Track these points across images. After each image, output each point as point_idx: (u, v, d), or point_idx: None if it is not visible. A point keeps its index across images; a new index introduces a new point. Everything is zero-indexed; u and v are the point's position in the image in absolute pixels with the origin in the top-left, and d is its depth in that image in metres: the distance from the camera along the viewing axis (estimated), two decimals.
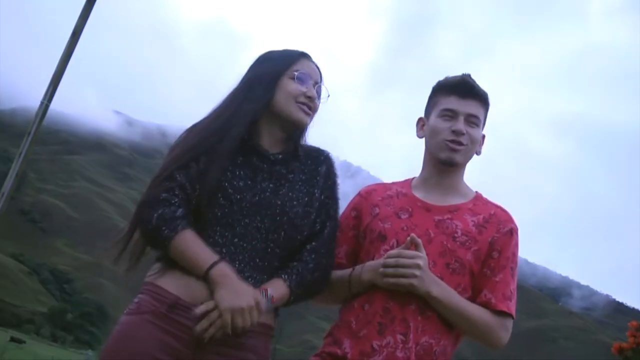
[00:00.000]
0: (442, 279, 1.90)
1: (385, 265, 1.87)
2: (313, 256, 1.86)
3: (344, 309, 2.00)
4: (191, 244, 1.74)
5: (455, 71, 1.99)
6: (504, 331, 1.91)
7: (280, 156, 1.93)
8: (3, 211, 5.60)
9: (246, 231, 1.81)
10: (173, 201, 1.78)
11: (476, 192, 2.08)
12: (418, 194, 2.03)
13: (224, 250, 1.79)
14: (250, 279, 1.77)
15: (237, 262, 1.78)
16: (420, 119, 2.13)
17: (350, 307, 1.97)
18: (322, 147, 2.06)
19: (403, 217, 1.99)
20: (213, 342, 1.72)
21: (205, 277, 1.71)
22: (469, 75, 2.07)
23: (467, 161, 2.04)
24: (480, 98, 2.04)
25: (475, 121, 2.01)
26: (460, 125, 1.99)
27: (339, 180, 2.02)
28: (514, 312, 1.94)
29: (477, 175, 2.11)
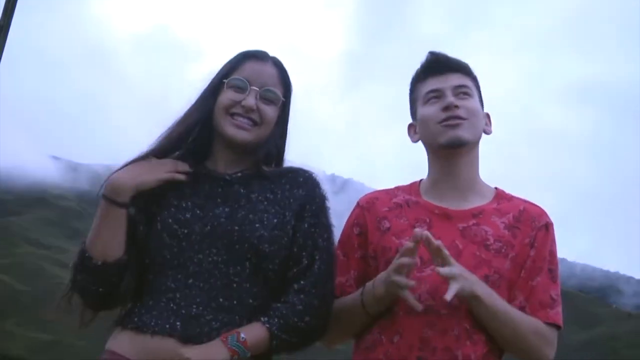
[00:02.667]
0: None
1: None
2: (302, 296, 1.84)
3: (366, 346, 1.97)
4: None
5: (445, 46, 2.03)
6: (550, 344, 1.89)
7: (239, 174, 1.92)
8: None
9: (201, 269, 1.82)
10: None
11: (495, 188, 2.08)
12: (432, 200, 2.03)
13: (178, 295, 1.81)
14: (214, 322, 1.79)
15: (195, 306, 1.80)
16: (410, 125, 2.14)
17: (374, 341, 1.95)
18: (303, 164, 2.04)
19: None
20: None
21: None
22: (435, 51, 2.10)
23: (476, 139, 2.03)
24: (461, 69, 2.07)
25: (465, 91, 2.02)
26: (450, 98, 1.99)
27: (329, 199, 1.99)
28: (559, 321, 1.92)
29: (487, 166, 2.11)
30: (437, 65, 2.06)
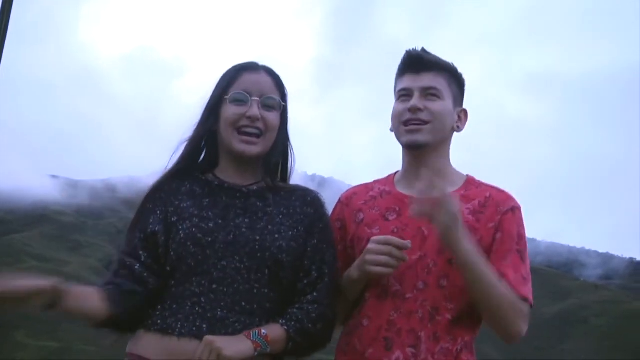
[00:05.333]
0: (446, 276, 1.91)
1: (370, 251, 1.86)
2: (315, 306, 1.86)
3: (346, 332, 2.00)
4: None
5: (409, 46, 1.99)
6: (523, 318, 1.88)
7: (254, 187, 1.93)
8: None
9: (225, 274, 1.82)
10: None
11: (467, 175, 2.08)
12: (403, 190, 2.04)
13: (203, 300, 1.81)
14: (237, 324, 1.79)
15: (220, 309, 1.80)
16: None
17: (351, 327, 1.98)
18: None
19: (391, 218, 2.00)
20: None
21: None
22: (415, 49, 2.07)
23: (438, 140, 2.02)
24: (436, 67, 2.04)
25: (434, 93, 2.00)
26: (414, 101, 1.98)
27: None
28: (531, 299, 1.92)
29: (456, 155, 2.09)
30: (413, 63, 2.05)
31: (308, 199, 1.98)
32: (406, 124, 2.01)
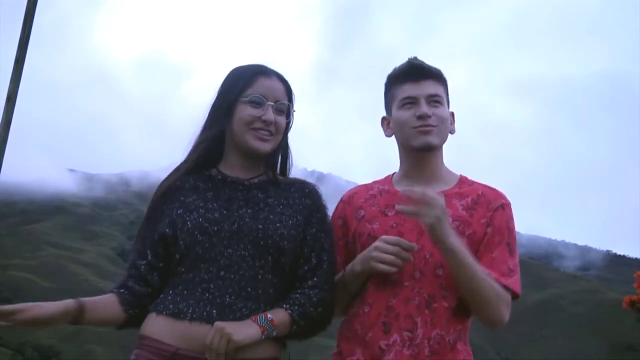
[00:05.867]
0: (442, 267, 1.91)
1: (378, 249, 1.87)
2: (316, 291, 1.87)
3: (347, 319, 2.01)
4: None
5: (402, 53, 2.06)
6: (506, 307, 1.89)
7: (255, 180, 1.94)
8: None
9: (231, 262, 1.82)
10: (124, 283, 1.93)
11: (460, 175, 2.09)
12: (401, 188, 2.02)
13: (212, 286, 1.81)
14: (244, 309, 1.79)
15: (228, 296, 1.80)
16: (383, 118, 2.14)
17: (353, 314, 1.98)
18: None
19: (390, 214, 2.00)
20: None
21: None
22: (415, 58, 2.08)
23: (443, 142, 2.05)
24: (435, 76, 2.06)
25: (437, 99, 2.03)
26: (424, 108, 2.00)
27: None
28: (516, 288, 1.92)
29: (446, 155, 2.16)
30: (415, 72, 2.05)
31: (306, 190, 1.99)
32: (417, 128, 2.01)
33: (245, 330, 1.74)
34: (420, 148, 2.02)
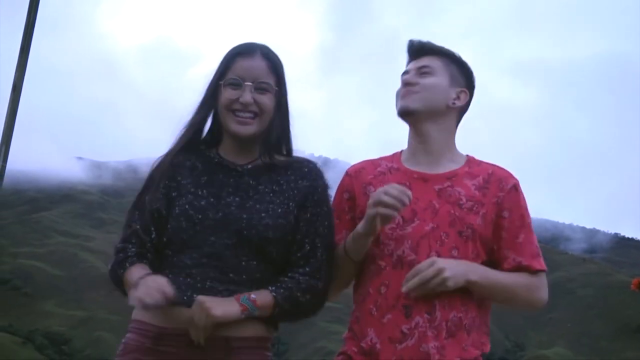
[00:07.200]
0: (457, 248, 1.91)
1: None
2: (307, 278, 1.86)
3: (358, 300, 2.00)
4: (134, 273, 1.81)
5: (405, 36, 2.10)
6: (543, 289, 1.96)
7: (249, 166, 1.93)
8: None
9: (214, 249, 1.84)
10: (127, 247, 1.89)
11: (467, 155, 2.09)
12: (410, 166, 2.03)
13: (194, 271, 1.83)
14: (225, 292, 1.81)
15: (209, 280, 1.82)
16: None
17: (365, 294, 1.97)
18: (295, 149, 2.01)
19: None
20: None
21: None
22: (413, 39, 2.14)
23: (428, 109, 2.03)
24: (433, 51, 2.10)
25: (427, 70, 2.05)
26: (407, 76, 2.06)
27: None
28: (545, 267, 1.98)
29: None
30: (413, 51, 2.12)
31: (305, 170, 1.96)
32: (399, 92, 2.07)
33: (224, 307, 1.75)
34: (399, 112, 2.05)
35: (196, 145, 1.99)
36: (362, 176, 2.08)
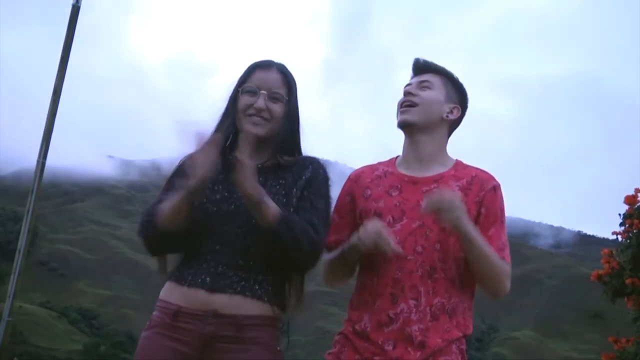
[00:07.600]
0: (440, 242, 1.91)
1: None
2: (307, 223, 1.81)
3: (357, 289, 2.01)
4: (170, 197, 1.81)
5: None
6: (507, 278, 1.92)
7: (258, 166, 1.91)
8: (23, 266, 5.53)
9: (225, 238, 1.84)
10: (155, 204, 1.88)
11: (456, 159, 2.08)
12: (403, 171, 2.03)
13: (209, 257, 1.84)
14: (234, 277, 1.82)
15: (221, 266, 1.83)
16: None
17: (363, 285, 1.98)
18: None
19: (394, 194, 1.99)
20: (217, 341, 1.78)
21: (190, 193, 1.75)
22: (420, 58, 2.14)
23: (425, 122, 2.02)
24: (430, 69, 2.09)
25: (426, 84, 2.05)
26: (409, 87, 2.05)
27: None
28: (509, 260, 1.95)
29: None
30: (415, 67, 2.13)
31: (307, 163, 1.96)
32: (400, 106, 2.05)
33: (252, 181, 1.74)
34: (399, 124, 2.04)
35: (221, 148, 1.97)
36: (361, 180, 2.08)
